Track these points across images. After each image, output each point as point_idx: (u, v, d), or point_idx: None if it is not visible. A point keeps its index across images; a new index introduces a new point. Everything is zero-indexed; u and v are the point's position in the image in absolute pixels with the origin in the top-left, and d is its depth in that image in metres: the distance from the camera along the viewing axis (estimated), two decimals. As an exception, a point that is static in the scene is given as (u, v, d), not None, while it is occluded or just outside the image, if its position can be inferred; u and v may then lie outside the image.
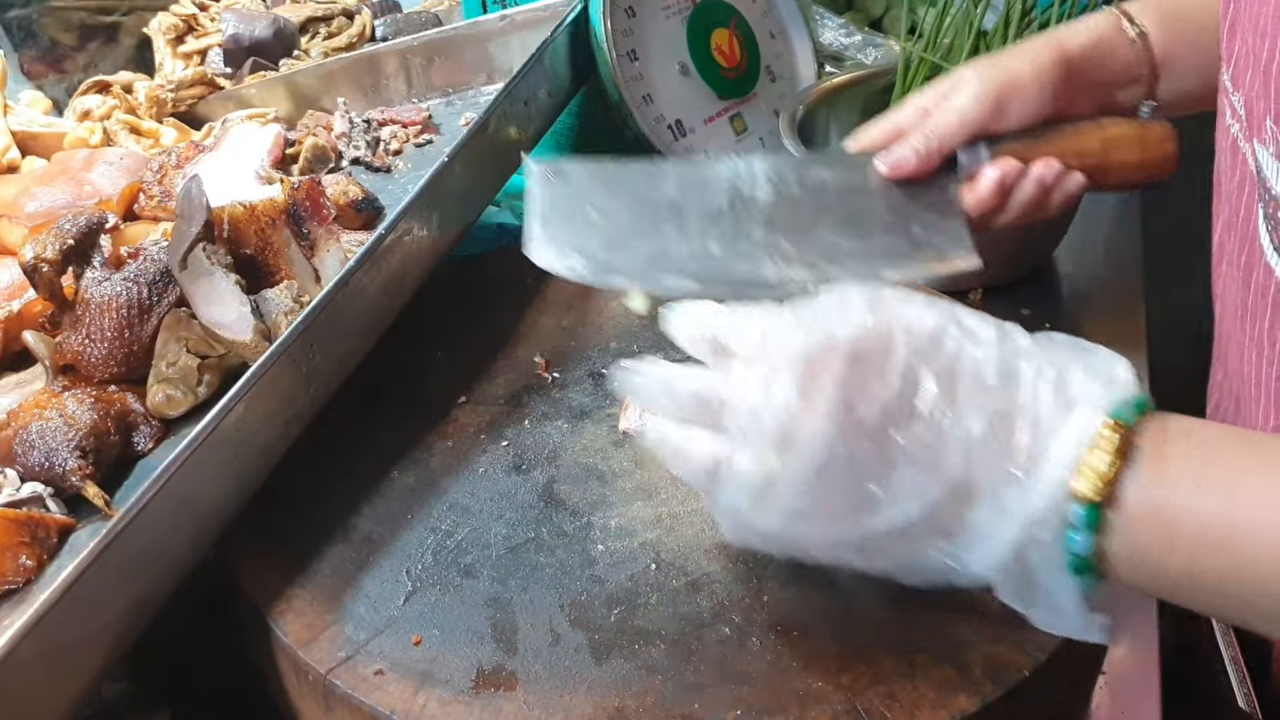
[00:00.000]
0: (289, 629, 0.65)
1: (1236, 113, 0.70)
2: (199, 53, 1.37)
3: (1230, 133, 0.73)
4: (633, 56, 1.15)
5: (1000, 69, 0.77)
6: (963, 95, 0.77)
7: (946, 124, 0.76)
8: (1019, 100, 0.77)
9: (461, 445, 0.79)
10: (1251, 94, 0.66)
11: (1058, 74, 0.77)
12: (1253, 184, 0.69)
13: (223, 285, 0.81)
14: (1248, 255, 0.71)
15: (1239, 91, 0.69)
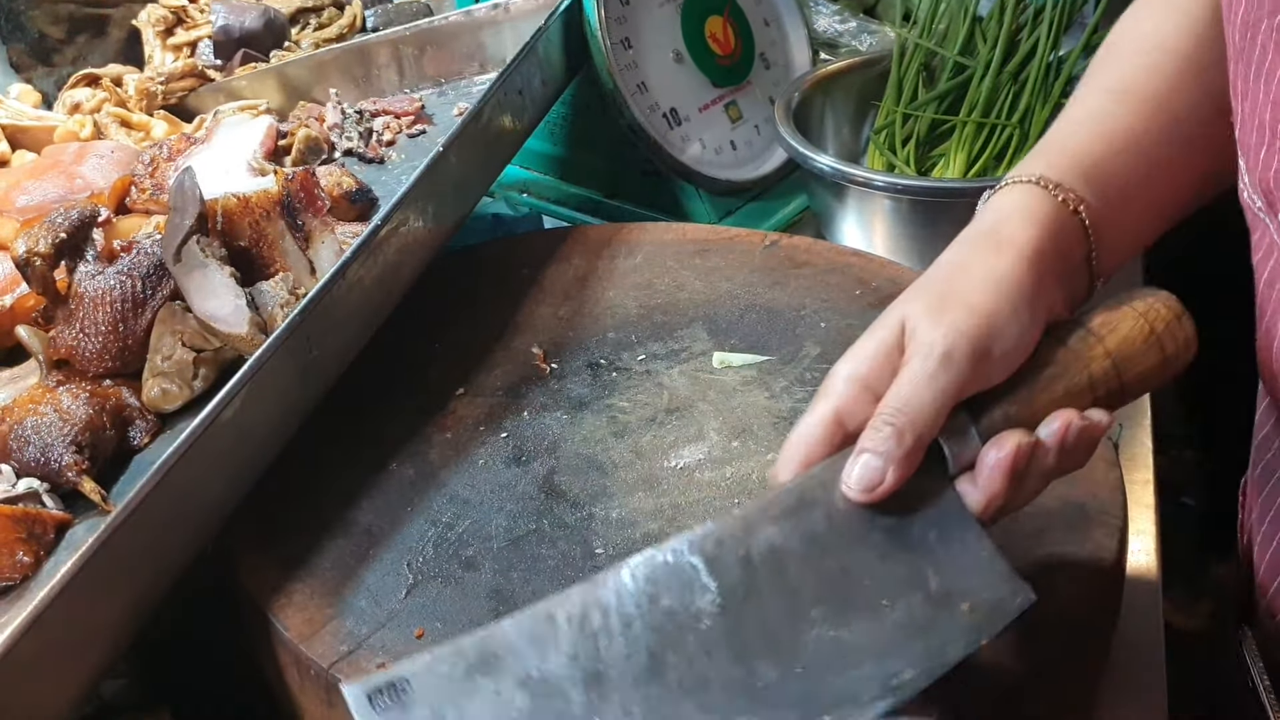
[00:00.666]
0: (290, 624, 0.64)
1: (1243, 179, 0.65)
2: (189, 45, 1.36)
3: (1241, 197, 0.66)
4: (626, 44, 1.14)
5: (960, 306, 0.57)
6: (923, 357, 0.56)
7: (916, 406, 0.56)
8: (1000, 344, 0.57)
9: (460, 437, 0.78)
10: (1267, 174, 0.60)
11: (1030, 289, 0.59)
12: None
13: (217, 278, 0.80)
14: None
15: (1243, 156, 0.63)
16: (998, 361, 0.58)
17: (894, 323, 0.59)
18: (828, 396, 0.58)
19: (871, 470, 0.55)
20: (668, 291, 0.93)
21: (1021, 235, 0.61)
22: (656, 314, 0.91)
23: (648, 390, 0.81)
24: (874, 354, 0.58)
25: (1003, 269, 0.59)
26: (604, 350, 0.87)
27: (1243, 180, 0.65)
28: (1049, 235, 0.61)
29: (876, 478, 0.55)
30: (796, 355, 0.85)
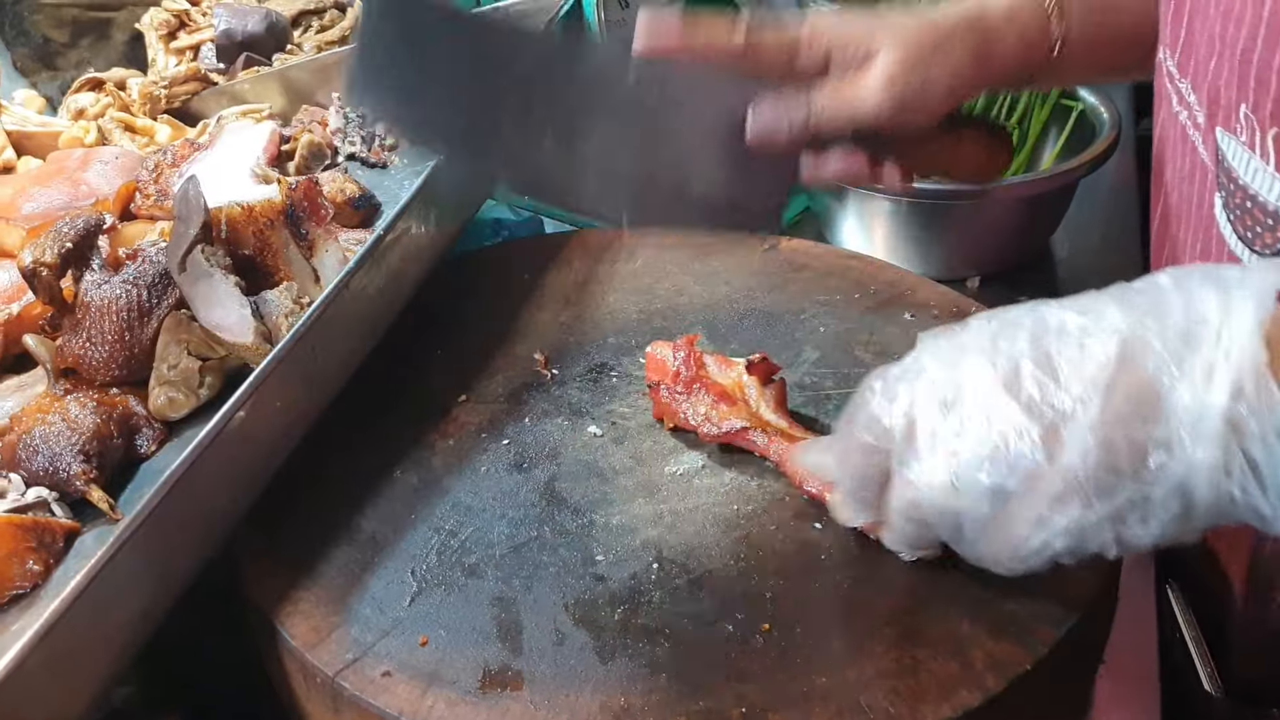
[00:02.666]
0: (296, 632, 0.65)
1: (1185, 100, 0.70)
2: (191, 48, 1.36)
3: (1178, 120, 0.72)
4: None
5: (920, 64, 0.70)
6: (870, 86, 0.70)
7: (837, 116, 0.70)
8: (922, 112, 0.72)
9: (463, 444, 0.79)
10: (1217, 82, 0.65)
11: (971, 76, 0.73)
12: (1205, 172, 0.69)
13: (222, 287, 0.81)
14: (1203, 242, 0.71)
15: (1187, 79, 0.69)
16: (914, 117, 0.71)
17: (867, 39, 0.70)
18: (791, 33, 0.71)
19: (773, 127, 0.70)
20: (668, 296, 0.94)
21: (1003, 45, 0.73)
22: (657, 319, 0.91)
23: (648, 396, 0.82)
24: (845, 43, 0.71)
25: (967, 74, 0.72)
26: (604, 355, 0.88)
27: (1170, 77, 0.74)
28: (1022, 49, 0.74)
29: (772, 134, 0.71)
30: (796, 359, 0.86)
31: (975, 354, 0.57)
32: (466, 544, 0.70)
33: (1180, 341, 0.52)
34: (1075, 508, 0.54)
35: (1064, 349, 0.54)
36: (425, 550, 0.70)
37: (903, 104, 0.70)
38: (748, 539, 0.70)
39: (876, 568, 0.68)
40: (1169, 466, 0.52)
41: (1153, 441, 0.52)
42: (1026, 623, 0.64)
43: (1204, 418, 0.51)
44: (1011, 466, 0.55)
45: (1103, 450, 0.53)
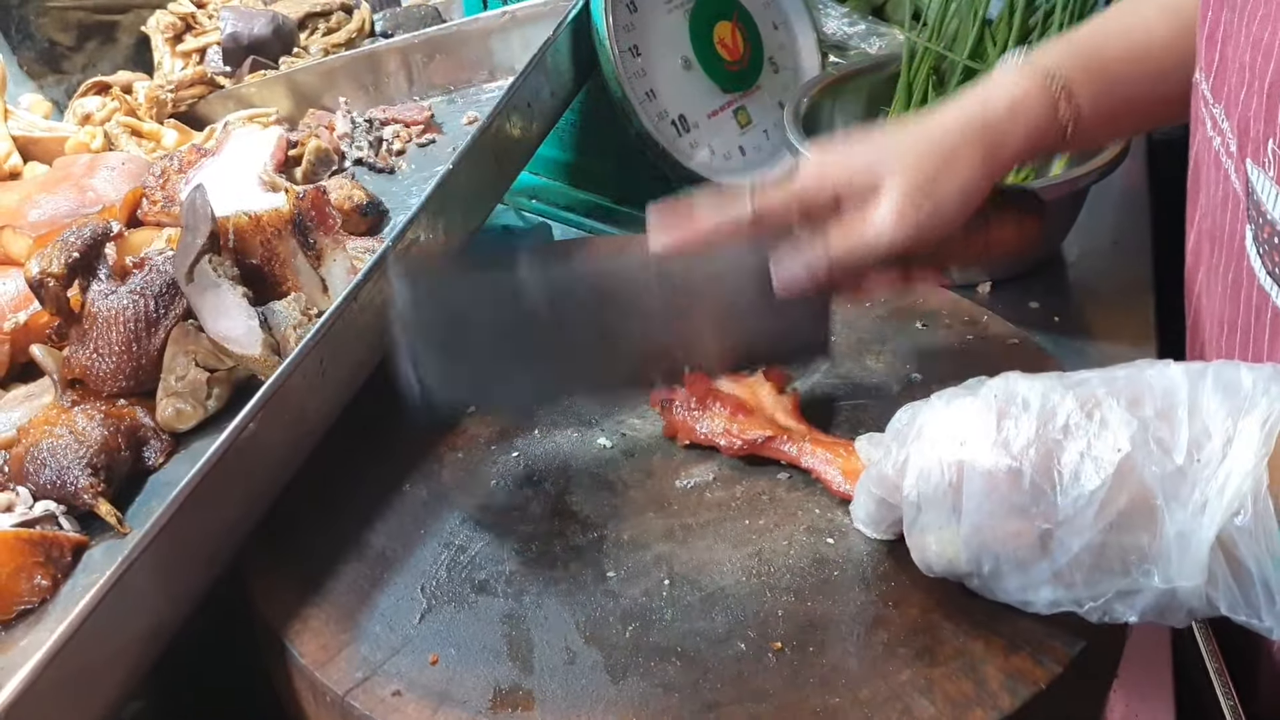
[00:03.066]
0: (305, 650, 0.65)
1: (1219, 126, 0.69)
2: (198, 51, 1.36)
3: (1212, 145, 0.72)
4: (635, 52, 1.14)
5: (931, 205, 0.70)
6: (880, 235, 0.70)
7: (856, 261, 0.71)
8: (940, 231, 0.71)
9: (472, 456, 0.79)
10: (1247, 113, 0.65)
11: (981, 182, 0.71)
12: (1237, 201, 0.68)
13: (229, 298, 0.81)
14: (1235, 272, 0.70)
15: (1220, 104, 0.68)
16: (934, 236, 0.71)
17: (872, 174, 0.71)
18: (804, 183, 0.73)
19: (800, 280, 0.73)
20: (678, 304, 0.93)
21: (1012, 143, 0.72)
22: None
23: (658, 408, 0.82)
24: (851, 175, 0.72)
25: (977, 184, 0.71)
26: (614, 365, 0.87)
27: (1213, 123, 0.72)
28: (1031, 141, 0.73)
29: (799, 289, 0.73)
30: (807, 370, 0.85)
31: (981, 440, 0.59)
32: (476, 559, 0.70)
33: (1179, 468, 0.54)
34: (1062, 592, 0.59)
35: (1067, 452, 0.57)
36: (435, 566, 0.70)
37: (916, 231, 0.70)
38: (759, 554, 0.70)
39: (890, 584, 0.67)
40: (1156, 575, 0.55)
41: (1143, 553, 0.55)
42: (1041, 640, 0.64)
43: (1190, 548, 0.53)
44: (1007, 559, 0.59)
45: (1093, 555, 0.56)
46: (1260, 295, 0.68)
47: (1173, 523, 0.54)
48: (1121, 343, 1.05)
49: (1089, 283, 1.13)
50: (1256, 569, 0.52)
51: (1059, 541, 0.57)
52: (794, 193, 0.73)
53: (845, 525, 0.72)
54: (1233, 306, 0.72)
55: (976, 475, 0.59)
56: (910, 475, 0.62)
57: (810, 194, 0.73)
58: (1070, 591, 0.59)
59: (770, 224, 0.73)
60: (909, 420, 0.65)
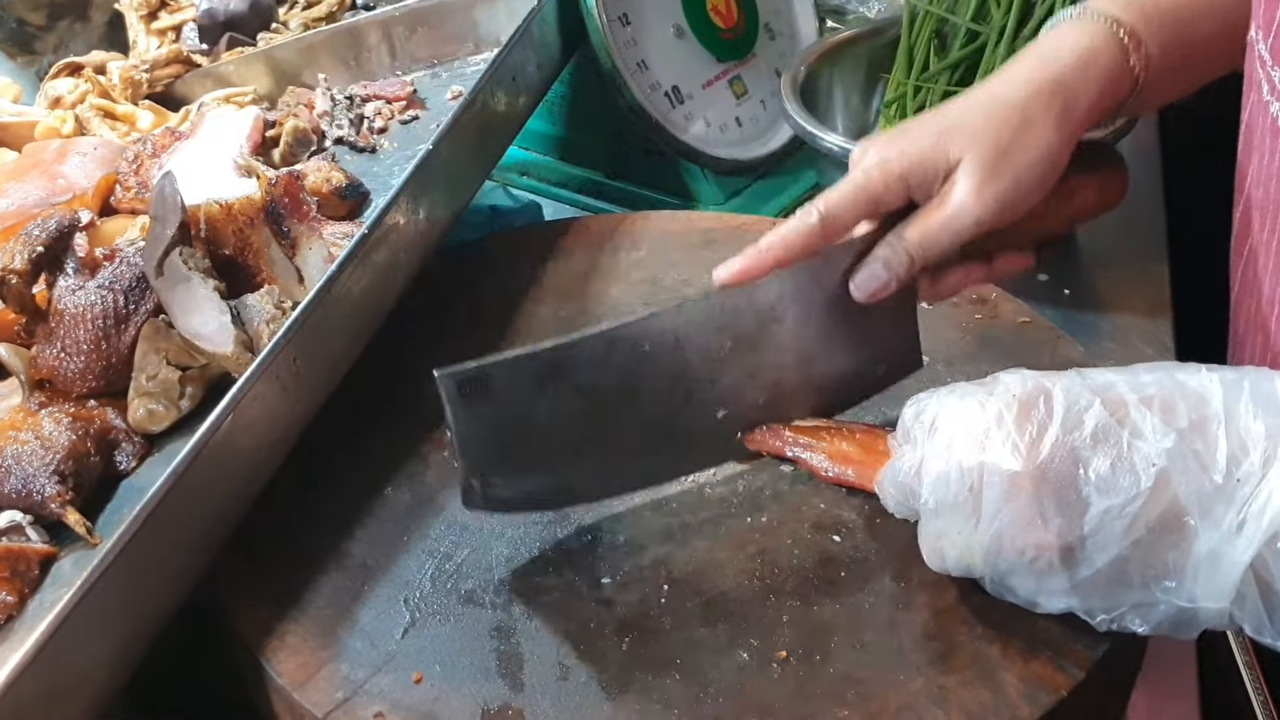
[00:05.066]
0: (282, 668, 0.61)
1: (1278, 89, 0.65)
2: (173, 29, 1.31)
3: (1268, 110, 0.67)
4: (624, 21, 1.09)
5: (1010, 177, 0.64)
6: (959, 213, 0.65)
7: (935, 249, 0.66)
8: (1024, 204, 0.66)
9: (459, 456, 0.75)
10: None
11: (1059, 148, 0.66)
12: None
13: (201, 292, 0.77)
14: None
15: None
16: (1017, 213, 0.66)
17: (942, 152, 0.65)
18: (869, 181, 0.66)
19: (879, 281, 0.67)
20: (674, 287, 0.90)
21: (1086, 99, 0.66)
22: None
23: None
24: (920, 162, 0.66)
25: (1057, 148, 0.65)
26: (608, 352, 0.83)
27: None
28: (1105, 95, 0.67)
29: (880, 289, 0.67)
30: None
31: (1003, 443, 0.56)
32: (463, 568, 0.66)
33: (1218, 486, 0.51)
34: (1076, 601, 0.56)
35: (1096, 462, 0.54)
36: (419, 576, 0.66)
37: (1000, 206, 0.65)
38: (763, 555, 0.66)
39: (900, 584, 0.64)
40: (1178, 593, 0.53)
41: (1166, 570, 0.53)
42: (1060, 642, 0.60)
43: (1221, 569, 0.51)
44: (1026, 568, 0.57)
45: (1115, 570, 0.54)
46: None
47: (1204, 541, 0.51)
48: (1136, 315, 1.02)
49: (1100, 254, 1.09)
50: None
51: (1083, 555, 0.54)
52: (859, 188, 0.67)
53: (852, 520, 0.68)
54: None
55: (997, 481, 0.56)
56: (927, 480, 0.59)
57: (876, 187, 0.67)
58: (1085, 601, 0.56)
59: (839, 227, 0.67)
60: (916, 416, 0.61)
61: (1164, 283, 1.05)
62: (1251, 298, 0.74)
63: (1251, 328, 0.74)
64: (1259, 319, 0.72)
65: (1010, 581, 0.58)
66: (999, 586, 0.59)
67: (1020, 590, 0.58)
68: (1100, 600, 0.55)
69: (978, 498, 0.57)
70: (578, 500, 0.68)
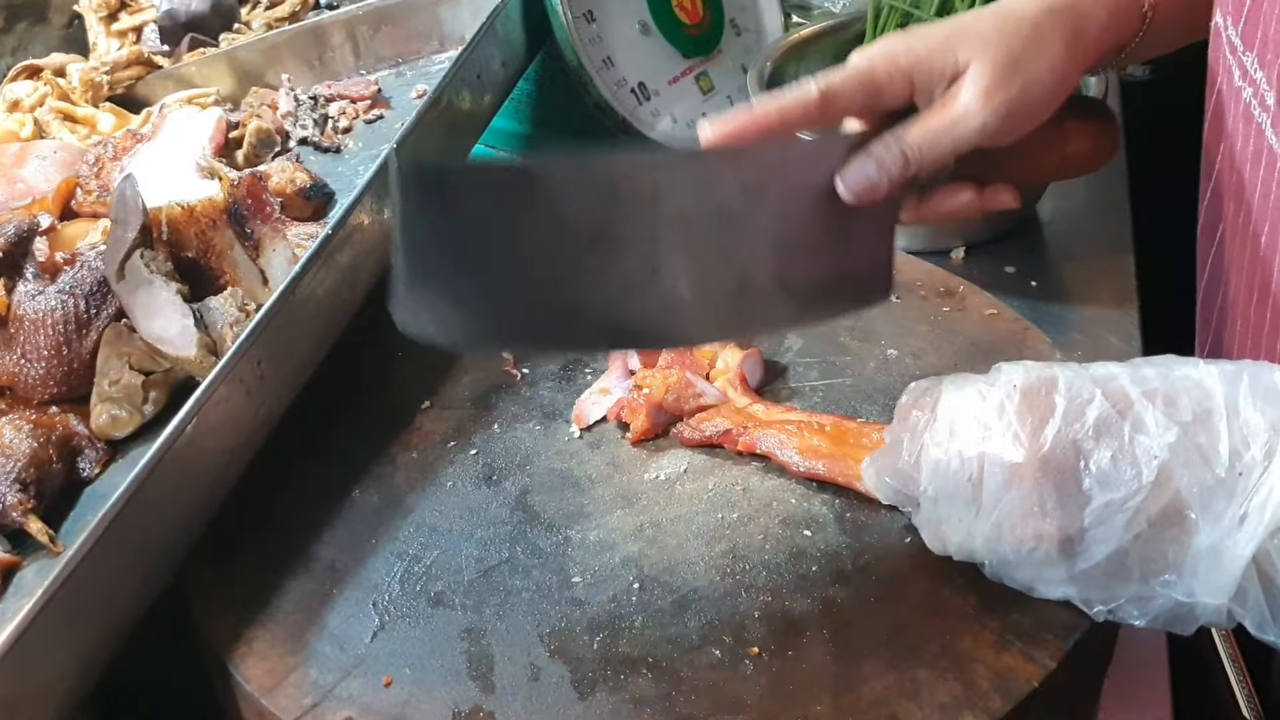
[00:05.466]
0: (250, 675, 0.61)
1: (1250, 76, 0.64)
2: (134, 30, 1.30)
3: (1240, 96, 0.67)
4: (589, 17, 1.09)
5: (1018, 85, 0.62)
6: (963, 119, 0.62)
7: (933, 152, 0.62)
8: (1029, 119, 0.63)
9: (427, 455, 0.74)
10: None
11: (1068, 69, 0.64)
12: (1274, 159, 0.64)
13: (163, 296, 0.76)
14: (1270, 236, 0.66)
15: (1252, 52, 0.64)
16: (1020, 130, 0.63)
17: (951, 53, 0.62)
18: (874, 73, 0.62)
19: (870, 180, 0.61)
20: (642, 283, 0.89)
21: (1095, 26, 0.65)
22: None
23: (623, 395, 0.77)
24: (927, 66, 0.62)
25: (1067, 66, 0.63)
26: (577, 350, 0.83)
27: None
28: (1114, 27, 0.66)
29: (870, 189, 0.61)
30: (780, 348, 0.81)
31: (1004, 433, 0.56)
32: (432, 570, 0.66)
33: (1220, 480, 0.51)
34: (1074, 591, 0.56)
35: (1098, 454, 0.54)
36: (388, 579, 0.65)
37: (1007, 115, 0.62)
38: (734, 551, 0.66)
39: (871, 578, 0.64)
40: (1177, 588, 0.52)
41: (1167, 563, 0.52)
42: (1031, 633, 0.60)
43: (1222, 564, 0.50)
44: (1025, 558, 0.57)
45: (1115, 562, 0.54)
46: None
47: (1205, 536, 0.51)
48: (1103, 306, 1.02)
49: (1065, 244, 1.09)
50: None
51: (1083, 547, 0.54)
52: (861, 73, 0.63)
53: (822, 515, 0.68)
54: (1265, 270, 0.67)
55: (999, 471, 0.56)
56: (926, 469, 0.59)
57: (880, 75, 0.63)
58: (1083, 592, 0.56)
59: (837, 107, 0.63)
60: (914, 404, 0.61)
61: (1130, 273, 1.05)
62: (1224, 284, 0.74)
63: (1227, 313, 0.75)
64: (1236, 304, 0.72)
65: (1009, 569, 0.59)
66: (998, 572, 0.60)
67: (1019, 577, 0.58)
68: (1098, 592, 0.55)
69: (978, 487, 0.56)
70: (518, 343, 0.63)
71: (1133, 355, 0.93)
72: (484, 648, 0.61)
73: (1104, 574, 0.54)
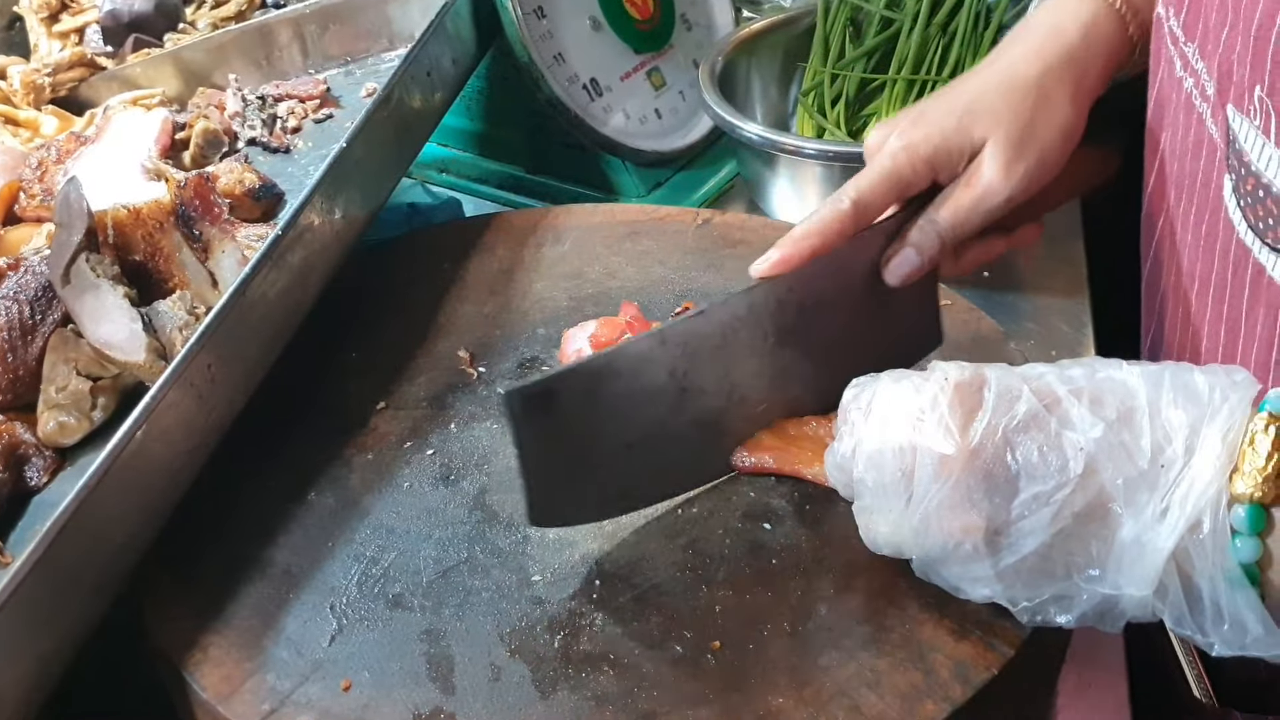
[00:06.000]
0: (206, 682, 0.60)
1: (1191, 66, 0.65)
2: (76, 31, 1.27)
3: (1182, 87, 0.68)
4: (540, 13, 1.08)
5: (1035, 154, 0.67)
6: (988, 193, 0.67)
7: (964, 228, 0.68)
8: (1047, 176, 0.69)
9: (383, 457, 0.73)
10: (1229, 56, 0.61)
11: (1075, 120, 0.69)
12: (1214, 148, 0.65)
13: (110, 300, 0.75)
14: (1210, 224, 0.67)
15: (1194, 43, 0.65)
16: (1038, 188, 0.68)
17: (966, 134, 0.67)
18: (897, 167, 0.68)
19: (912, 265, 0.68)
20: (599, 280, 0.89)
21: (1094, 71, 0.70)
22: (588, 305, 0.86)
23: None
24: (945, 146, 0.68)
25: (1075, 121, 0.68)
26: (534, 348, 0.82)
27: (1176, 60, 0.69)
28: (1109, 65, 0.71)
29: (914, 272, 0.68)
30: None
31: (935, 426, 0.56)
32: (390, 571, 0.65)
33: (1142, 473, 0.51)
34: (1000, 588, 0.56)
35: (1024, 447, 0.54)
36: (345, 582, 0.65)
37: (1026, 182, 0.68)
38: (693, 545, 0.66)
39: (830, 571, 0.64)
40: (1101, 581, 0.53)
41: (1092, 557, 0.53)
42: (990, 621, 0.60)
43: (1145, 556, 0.51)
44: (952, 552, 0.56)
45: (1040, 557, 0.54)
46: (1240, 249, 0.65)
47: (1128, 529, 0.51)
48: (1055, 295, 1.03)
49: (1018, 235, 1.10)
50: (1208, 587, 0.50)
51: (1009, 541, 0.54)
52: (887, 173, 0.69)
53: (781, 508, 0.68)
54: (1206, 260, 0.69)
55: (928, 463, 0.56)
56: (861, 460, 0.59)
57: (904, 171, 0.69)
58: (1008, 589, 0.56)
59: (870, 213, 0.69)
60: (854, 399, 0.61)
61: (1081, 263, 1.06)
62: (1168, 271, 0.75)
63: (1169, 301, 0.76)
64: (1179, 292, 0.73)
65: (936, 566, 0.59)
66: (925, 568, 0.60)
67: (945, 574, 0.58)
68: (1024, 589, 0.55)
69: (909, 478, 0.57)
70: (637, 504, 0.68)
71: (1084, 342, 0.95)
72: (444, 649, 0.60)
73: (1029, 570, 0.54)
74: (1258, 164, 0.60)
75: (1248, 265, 0.64)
